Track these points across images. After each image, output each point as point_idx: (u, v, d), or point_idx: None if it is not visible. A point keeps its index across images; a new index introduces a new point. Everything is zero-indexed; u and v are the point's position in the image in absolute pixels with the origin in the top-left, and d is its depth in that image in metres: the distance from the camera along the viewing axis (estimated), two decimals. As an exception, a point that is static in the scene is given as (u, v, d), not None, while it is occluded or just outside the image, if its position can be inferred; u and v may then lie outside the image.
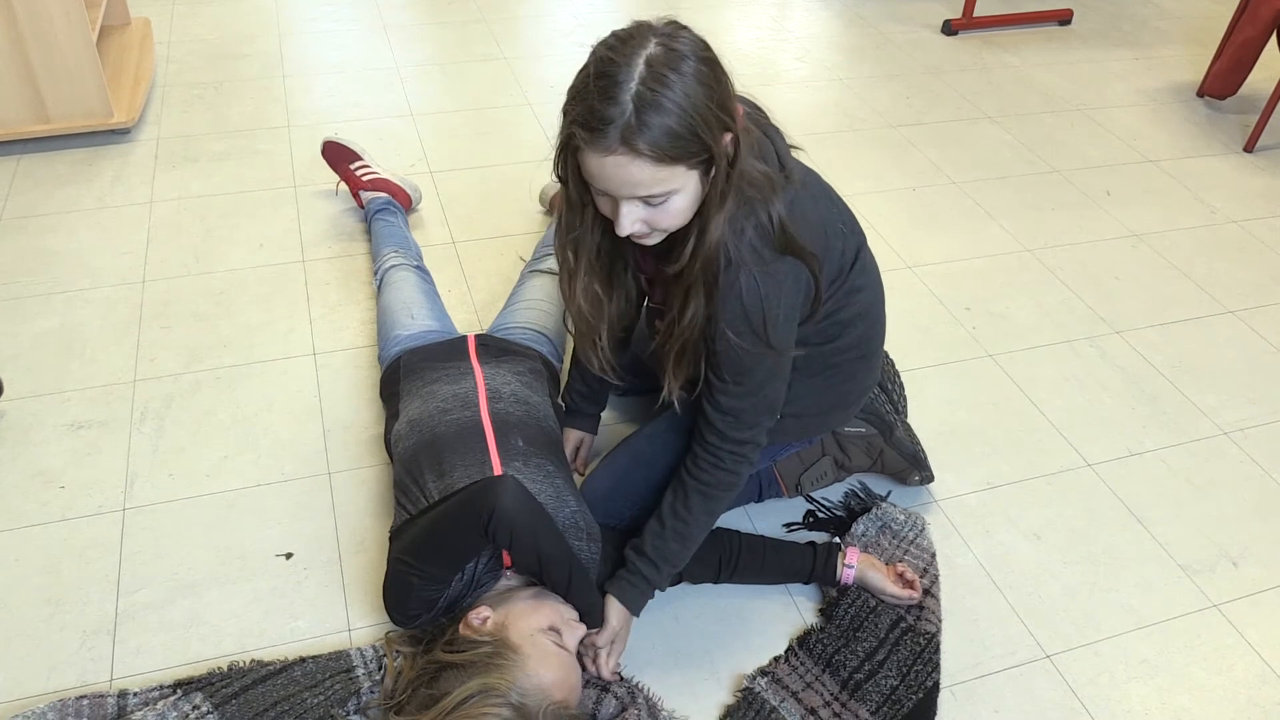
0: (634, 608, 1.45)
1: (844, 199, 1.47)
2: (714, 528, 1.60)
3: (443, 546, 1.36)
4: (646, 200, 1.17)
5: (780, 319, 1.30)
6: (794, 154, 1.36)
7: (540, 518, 1.36)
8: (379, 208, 2.30)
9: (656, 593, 1.48)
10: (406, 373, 1.67)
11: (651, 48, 1.10)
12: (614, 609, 1.44)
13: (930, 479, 1.77)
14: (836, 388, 1.55)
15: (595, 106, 1.09)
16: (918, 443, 1.80)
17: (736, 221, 1.23)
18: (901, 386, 1.96)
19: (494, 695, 1.23)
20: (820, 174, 1.44)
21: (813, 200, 1.35)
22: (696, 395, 1.40)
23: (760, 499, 1.76)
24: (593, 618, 1.42)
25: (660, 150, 1.10)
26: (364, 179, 2.35)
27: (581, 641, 1.41)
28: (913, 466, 1.76)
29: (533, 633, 1.32)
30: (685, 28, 1.16)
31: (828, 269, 1.38)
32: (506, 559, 1.42)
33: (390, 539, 1.46)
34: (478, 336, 1.73)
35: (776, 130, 1.34)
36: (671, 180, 1.14)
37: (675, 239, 1.27)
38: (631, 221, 1.19)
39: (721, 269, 1.24)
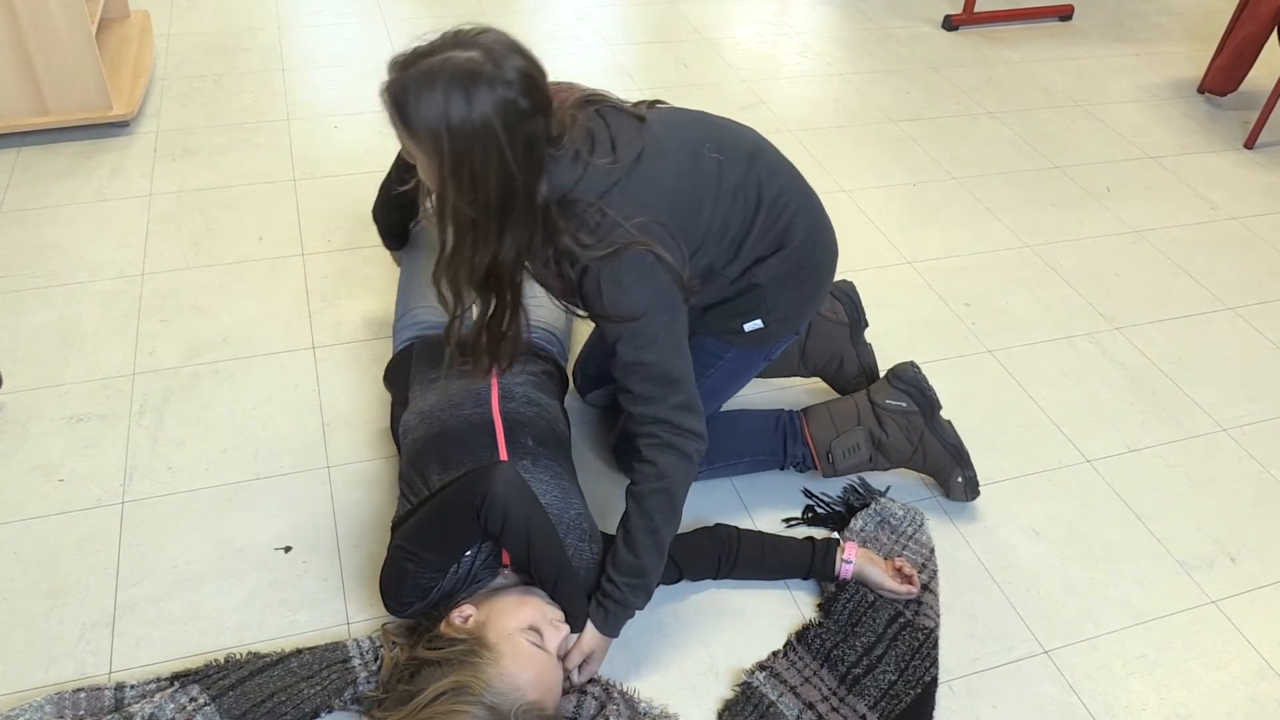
0: (603, 626, 1.43)
1: (738, 122, 1.54)
2: (714, 524, 1.60)
3: (438, 531, 1.36)
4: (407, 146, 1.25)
5: (625, 300, 1.34)
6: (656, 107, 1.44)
7: (533, 507, 1.36)
8: None
9: (635, 613, 1.46)
10: (419, 361, 1.67)
11: (471, 53, 1.19)
12: (588, 630, 1.42)
13: (975, 485, 1.73)
14: (807, 280, 1.59)
15: (411, 50, 1.22)
16: (960, 440, 1.75)
17: (531, 247, 1.31)
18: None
19: (466, 694, 1.23)
20: (686, 114, 1.50)
21: (656, 165, 1.38)
22: None
23: (785, 458, 1.76)
24: (576, 621, 1.40)
25: (397, 115, 1.20)
26: None
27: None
28: (955, 462, 1.72)
29: (511, 632, 1.31)
30: (523, 78, 1.22)
31: (711, 210, 1.44)
32: (505, 556, 1.42)
33: (392, 529, 1.46)
34: None
35: (614, 108, 1.40)
36: (406, 139, 1.23)
37: None
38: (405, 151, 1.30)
39: (568, 270, 1.34)
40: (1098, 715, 1.47)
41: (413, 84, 1.18)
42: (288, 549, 1.63)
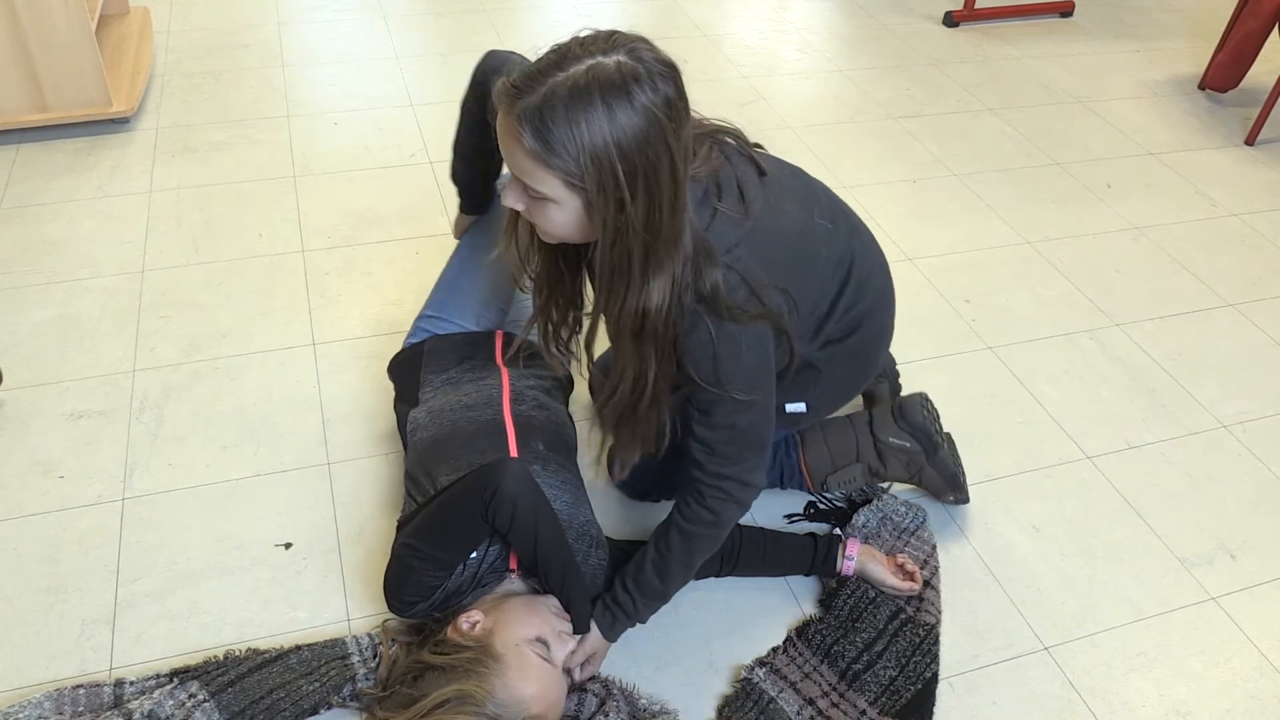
0: (608, 633, 1.43)
1: (831, 189, 1.48)
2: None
3: (444, 527, 1.34)
4: (526, 188, 1.13)
5: (738, 373, 1.25)
6: (777, 157, 1.36)
7: (542, 505, 1.34)
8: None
9: (638, 624, 1.46)
10: (430, 358, 1.65)
11: (608, 60, 1.06)
12: (592, 633, 1.42)
13: (965, 500, 1.74)
14: (858, 372, 1.57)
15: (524, 72, 1.08)
16: (959, 464, 1.73)
17: (680, 284, 1.18)
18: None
19: (469, 703, 1.23)
20: (789, 169, 1.43)
21: (778, 221, 1.30)
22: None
23: (783, 487, 1.75)
24: (580, 621, 1.40)
25: (536, 147, 1.06)
26: None
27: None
28: (947, 488, 1.72)
29: (518, 642, 1.30)
30: (663, 72, 1.08)
31: (819, 281, 1.37)
32: (513, 560, 1.41)
33: (398, 528, 1.45)
34: (505, 334, 1.70)
35: (744, 155, 1.31)
36: (544, 184, 1.09)
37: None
38: (513, 199, 1.16)
39: (679, 321, 1.21)
40: (1097, 712, 1.47)
41: (561, 102, 1.04)
42: (288, 545, 1.63)
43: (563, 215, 1.13)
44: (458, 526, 1.34)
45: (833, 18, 3.63)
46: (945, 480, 1.71)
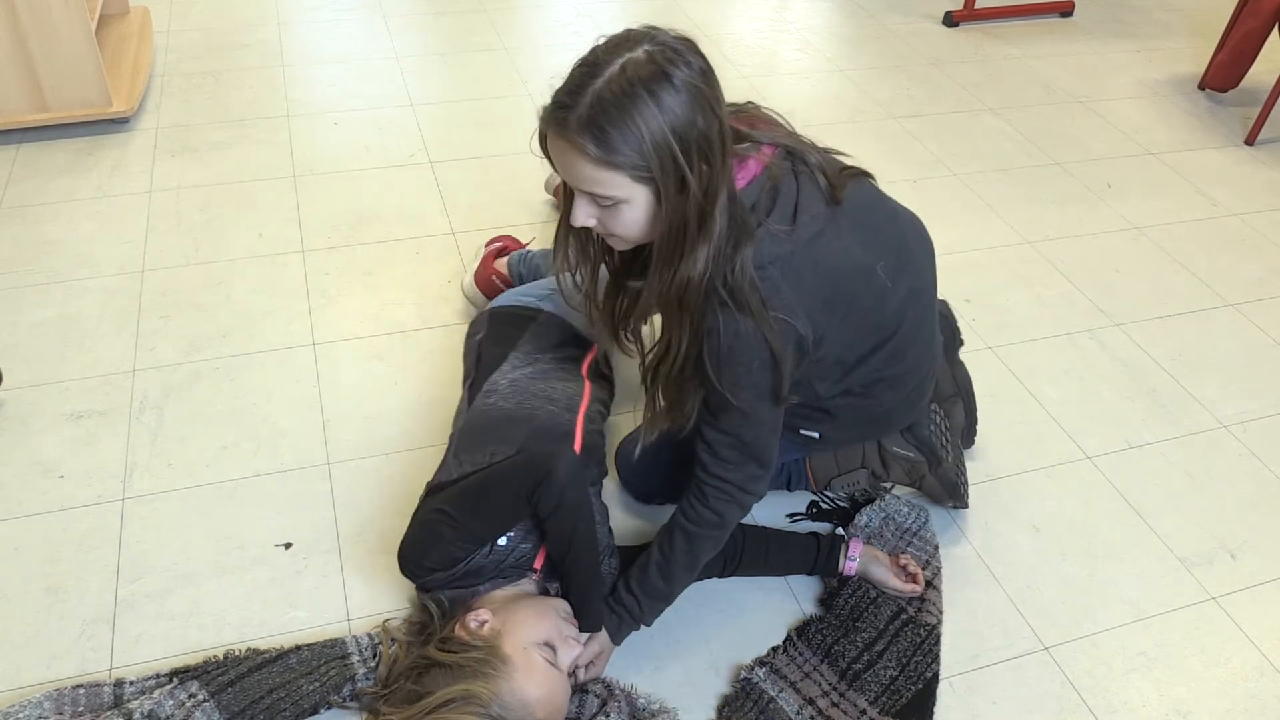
0: (614, 636, 1.44)
1: (924, 247, 1.48)
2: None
3: (487, 500, 1.36)
4: (595, 199, 1.16)
5: (741, 378, 1.25)
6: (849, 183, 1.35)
7: (585, 503, 1.37)
8: (520, 256, 2.09)
9: (643, 626, 1.47)
10: (536, 331, 1.66)
11: (637, 53, 1.10)
12: (600, 634, 1.43)
13: (964, 506, 1.73)
14: (872, 430, 1.57)
15: (564, 90, 1.12)
16: (963, 473, 1.73)
17: (722, 261, 1.19)
18: (975, 418, 1.85)
19: (475, 703, 1.23)
20: (883, 211, 1.42)
21: (821, 258, 1.27)
22: None
23: (790, 490, 1.75)
24: (593, 621, 1.41)
25: (599, 152, 1.09)
26: (493, 251, 2.17)
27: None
28: (948, 495, 1.71)
29: (527, 646, 1.31)
30: (688, 47, 1.13)
31: (851, 331, 1.35)
32: (538, 561, 1.43)
33: (427, 492, 1.45)
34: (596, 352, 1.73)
35: (811, 175, 1.30)
36: (613, 186, 1.12)
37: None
38: (584, 215, 1.19)
39: (704, 303, 1.22)
40: (1097, 711, 1.47)
41: (612, 106, 1.08)
42: (288, 545, 1.63)
43: (634, 213, 1.16)
44: (501, 503, 1.35)
45: (833, 18, 3.63)
46: (945, 489, 1.70)
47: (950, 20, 3.60)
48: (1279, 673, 1.55)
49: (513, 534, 1.40)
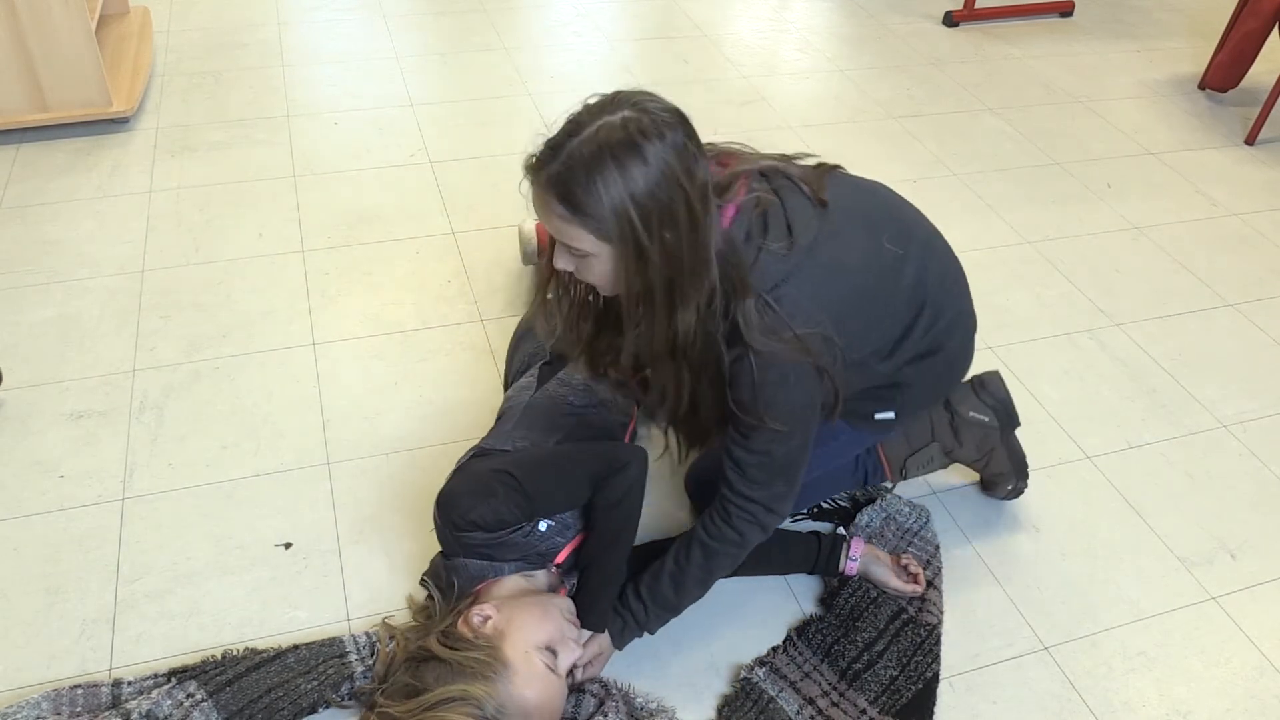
0: (617, 640, 1.44)
1: (905, 203, 1.47)
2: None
3: (555, 472, 1.40)
4: (568, 247, 1.20)
5: (779, 407, 1.27)
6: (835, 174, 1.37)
7: (640, 506, 1.43)
8: None
9: (645, 634, 1.46)
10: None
11: (615, 118, 1.13)
12: (602, 635, 1.43)
13: (1023, 490, 1.73)
14: (948, 380, 1.55)
15: (548, 142, 1.17)
16: (1023, 449, 1.72)
17: (706, 313, 1.23)
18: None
19: (471, 704, 1.24)
20: (863, 193, 1.42)
21: (833, 258, 1.29)
22: None
23: (866, 485, 1.74)
24: (599, 621, 1.42)
25: (563, 209, 1.15)
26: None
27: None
28: (1014, 473, 1.70)
29: (528, 649, 1.31)
30: (671, 118, 1.15)
31: (888, 310, 1.37)
32: (560, 556, 1.44)
33: (470, 455, 1.49)
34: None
35: (798, 188, 1.31)
36: (580, 240, 1.16)
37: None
38: (563, 261, 1.23)
39: (720, 346, 1.25)
40: (1097, 711, 1.47)
41: (580, 167, 1.12)
42: (288, 545, 1.63)
43: (601, 266, 1.20)
44: (568, 479, 1.40)
45: (833, 18, 3.63)
46: (1014, 464, 1.69)
47: (950, 20, 3.60)
48: (1279, 673, 1.55)
49: (553, 522, 1.42)
